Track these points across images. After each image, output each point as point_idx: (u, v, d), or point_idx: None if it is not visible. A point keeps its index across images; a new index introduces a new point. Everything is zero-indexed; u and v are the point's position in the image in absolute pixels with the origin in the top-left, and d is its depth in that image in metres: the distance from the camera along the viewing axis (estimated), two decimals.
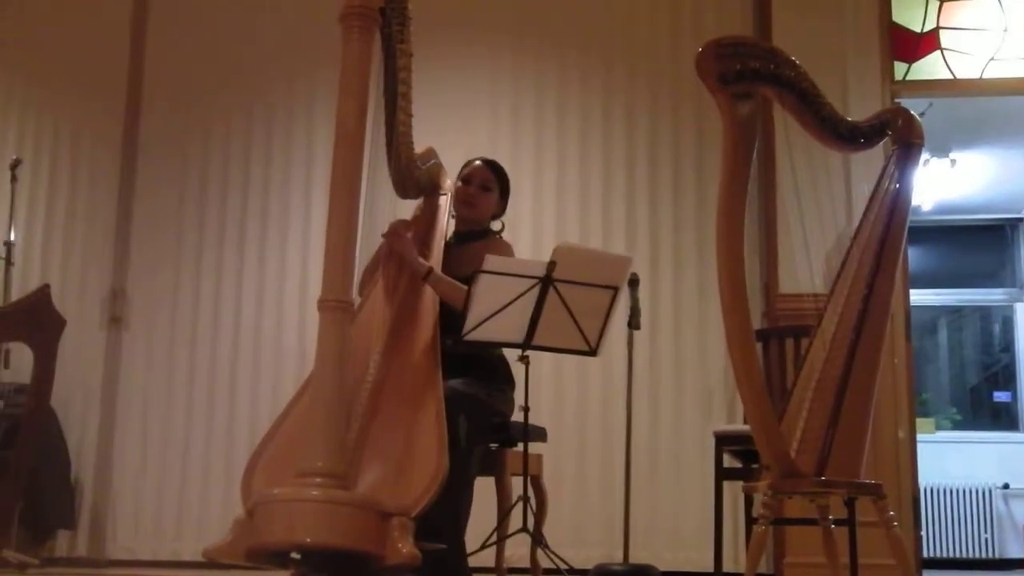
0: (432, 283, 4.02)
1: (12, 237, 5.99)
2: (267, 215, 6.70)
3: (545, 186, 6.48)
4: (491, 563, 4.25)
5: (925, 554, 7.59)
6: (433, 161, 4.34)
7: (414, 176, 4.12)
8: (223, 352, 6.57)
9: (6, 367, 5.60)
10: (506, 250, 4.35)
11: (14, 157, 6.15)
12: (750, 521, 4.55)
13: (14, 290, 5.87)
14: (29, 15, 7.04)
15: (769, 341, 4.97)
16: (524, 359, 4.07)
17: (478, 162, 4.47)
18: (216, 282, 6.66)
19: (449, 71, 6.48)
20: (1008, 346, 9.95)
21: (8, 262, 5.88)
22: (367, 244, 4.01)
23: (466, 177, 4.43)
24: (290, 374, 6.28)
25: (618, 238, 6.36)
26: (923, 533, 7.45)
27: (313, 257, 6.34)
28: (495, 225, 4.56)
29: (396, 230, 4.13)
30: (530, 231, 6.33)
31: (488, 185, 4.43)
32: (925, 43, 6.36)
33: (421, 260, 4.08)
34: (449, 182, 4.47)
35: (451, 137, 5.60)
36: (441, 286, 4.03)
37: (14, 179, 6.03)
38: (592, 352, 4.04)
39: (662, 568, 5.42)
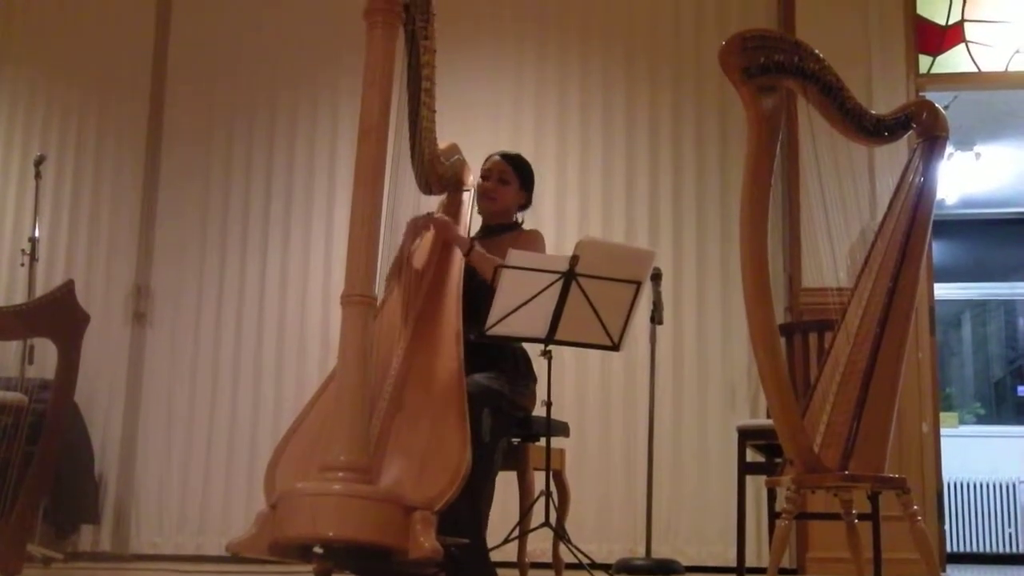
0: (474, 257, 4.03)
1: (37, 233, 5.99)
2: (291, 210, 6.70)
3: (568, 180, 6.47)
4: (513, 557, 4.24)
5: (949, 549, 7.57)
6: (456, 157, 4.33)
7: (437, 172, 4.11)
8: (246, 347, 6.58)
9: (30, 363, 5.61)
10: (536, 241, 4.35)
11: (38, 153, 6.15)
12: (773, 516, 4.54)
13: (39, 286, 5.89)
14: (53, 9, 7.06)
15: (793, 335, 4.95)
16: (546, 354, 4.07)
17: (496, 156, 4.46)
18: (239, 277, 6.66)
19: (473, 66, 6.50)
20: None
21: (33, 258, 5.89)
22: (391, 239, 4.01)
23: (485, 172, 4.43)
24: (314, 369, 6.30)
25: (641, 232, 6.34)
26: (947, 527, 7.43)
27: (337, 252, 6.35)
28: (519, 217, 4.54)
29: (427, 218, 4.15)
30: (553, 225, 6.32)
31: (506, 178, 4.41)
32: (950, 36, 6.33)
33: (463, 235, 4.10)
34: (472, 178, 4.45)
35: (475, 133, 5.60)
36: (482, 261, 4.03)
37: (38, 175, 6.04)
38: (615, 347, 4.02)
39: (684, 563, 5.43)
